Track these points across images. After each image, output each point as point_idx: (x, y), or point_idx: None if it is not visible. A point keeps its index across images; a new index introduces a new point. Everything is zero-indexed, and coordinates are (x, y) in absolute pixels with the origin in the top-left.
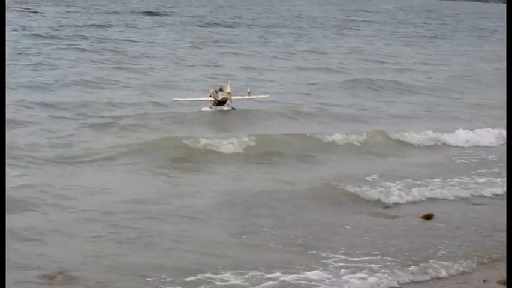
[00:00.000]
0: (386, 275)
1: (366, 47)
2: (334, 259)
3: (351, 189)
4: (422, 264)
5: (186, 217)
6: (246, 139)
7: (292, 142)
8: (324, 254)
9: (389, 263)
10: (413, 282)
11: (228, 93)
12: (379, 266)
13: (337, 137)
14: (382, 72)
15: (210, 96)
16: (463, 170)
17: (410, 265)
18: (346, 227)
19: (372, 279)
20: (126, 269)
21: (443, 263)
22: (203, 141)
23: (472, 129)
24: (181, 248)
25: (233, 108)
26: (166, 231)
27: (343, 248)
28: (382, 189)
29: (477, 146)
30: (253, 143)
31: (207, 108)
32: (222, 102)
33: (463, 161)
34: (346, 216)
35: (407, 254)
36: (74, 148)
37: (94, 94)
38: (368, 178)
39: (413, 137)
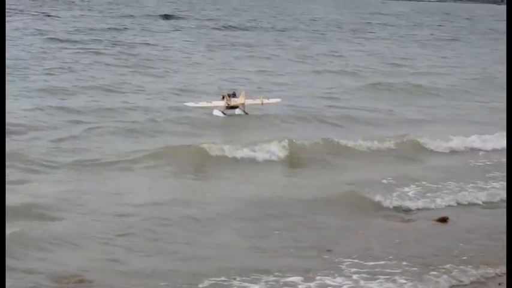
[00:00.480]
0: (405, 281)
1: (383, 50)
2: (348, 263)
3: (366, 193)
4: (439, 269)
5: (201, 222)
6: (264, 144)
7: (311, 147)
8: (339, 259)
9: (407, 268)
10: None
11: (242, 104)
12: (398, 271)
13: (357, 141)
14: (400, 75)
15: (223, 98)
16: (479, 174)
17: (428, 270)
18: (361, 231)
19: (389, 286)
20: (140, 273)
21: (461, 267)
22: (222, 146)
23: (491, 133)
24: (195, 252)
25: (246, 113)
26: (180, 236)
27: (359, 253)
28: (397, 193)
29: (496, 150)
30: (270, 148)
31: (218, 113)
32: (234, 107)
33: (479, 164)
34: (361, 221)
35: (423, 258)
36: (89, 153)
37: (110, 98)
38: (384, 181)
39: (432, 140)
